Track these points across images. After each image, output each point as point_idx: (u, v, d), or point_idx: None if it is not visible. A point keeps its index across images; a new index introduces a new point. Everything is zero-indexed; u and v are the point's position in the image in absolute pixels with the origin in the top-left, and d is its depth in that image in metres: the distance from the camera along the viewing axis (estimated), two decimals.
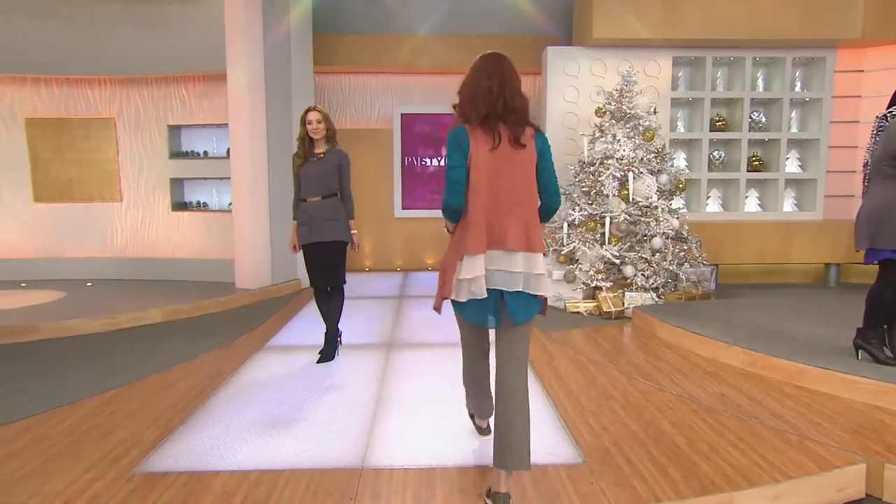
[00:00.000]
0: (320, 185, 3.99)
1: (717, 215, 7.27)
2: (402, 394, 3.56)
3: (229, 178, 6.53)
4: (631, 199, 5.66)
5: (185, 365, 4.13)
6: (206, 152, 7.15)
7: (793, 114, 7.24)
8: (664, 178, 5.79)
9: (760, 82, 7.27)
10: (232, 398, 3.48)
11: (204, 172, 7.13)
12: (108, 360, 4.26)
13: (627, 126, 5.90)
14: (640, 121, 5.86)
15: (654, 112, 6.03)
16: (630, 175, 5.61)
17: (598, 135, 6.03)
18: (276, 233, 6.59)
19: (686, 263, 5.80)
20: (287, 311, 5.82)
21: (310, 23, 7.05)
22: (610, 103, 6.01)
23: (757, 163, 7.25)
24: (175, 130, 7.16)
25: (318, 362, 4.11)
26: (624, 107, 5.85)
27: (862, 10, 6.43)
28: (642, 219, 5.69)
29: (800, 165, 7.32)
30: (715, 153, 7.30)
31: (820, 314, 4.87)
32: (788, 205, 7.34)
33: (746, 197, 7.28)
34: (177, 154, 7.17)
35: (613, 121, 5.94)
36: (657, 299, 5.50)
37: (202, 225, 7.15)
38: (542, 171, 2.32)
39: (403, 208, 8.43)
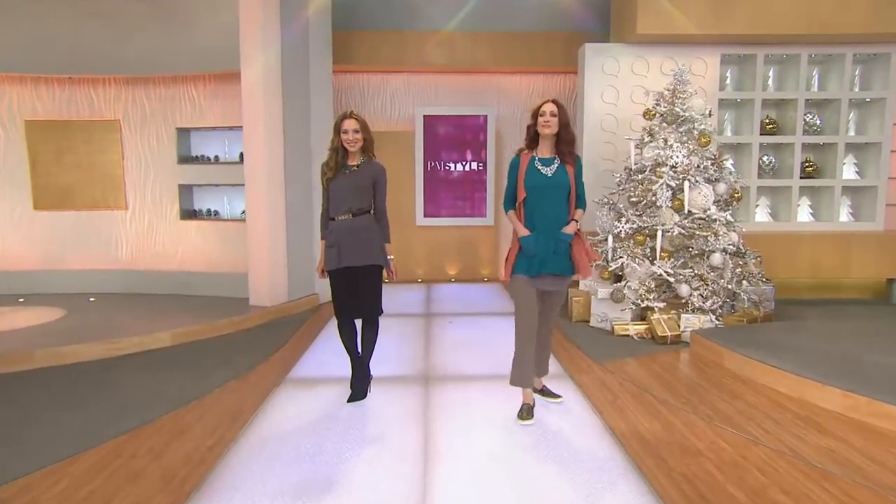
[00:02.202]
0: (352, 201, 3.49)
1: (766, 225, 6.72)
2: (453, 443, 3.05)
3: (242, 184, 6.05)
4: (686, 211, 5.13)
5: (198, 403, 3.64)
6: (217, 157, 6.66)
7: (850, 115, 6.68)
8: (722, 187, 5.26)
9: (815, 81, 6.72)
10: (253, 452, 2.98)
11: (215, 178, 6.64)
12: (110, 396, 3.76)
13: (680, 130, 5.37)
14: (695, 124, 5.33)
15: (710, 114, 5.50)
16: (686, 184, 5.08)
17: (646, 139, 5.50)
18: (293, 244, 6.09)
19: (744, 281, 5.28)
20: (306, 332, 5.32)
21: (329, 18, 6.55)
22: (659, 104, 5.48)
23: (810, 169, 6.70)
24: (184, 133, 6.68)
25: (348, 401, 3.61)
26: (677, 108, 5.32)
27: None
28: (698, 232, 5.16)
29: (857, 171, 6.77)
30: (764, 158, 6.77)
31: None
32: (844, 214, 6.79)
33: (798, 205, 6.73)
34: (186, 158, 6.68)
35: (664, 124, 5.41)
36: (716, 322, 4.97)
37: (212, 235, 6.67)
38: None
39: (426, 216, 7.93)
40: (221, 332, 5.25)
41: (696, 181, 5.13)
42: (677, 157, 5.21)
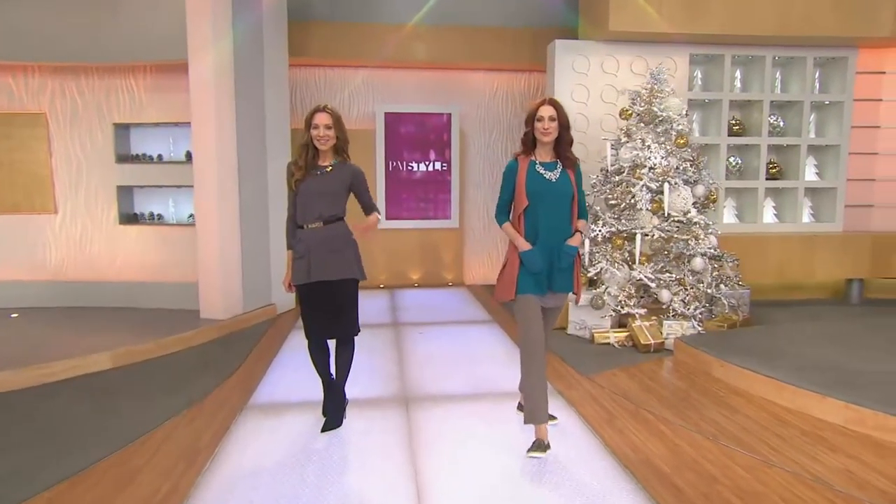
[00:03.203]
0: (323, 207, 3.14)
1: (733, 227, 6.71)
2: (445, 477, 2.73)
3: (190, 185, 5.51)
4: (666, 214, 4.99)
5: (147, 439, 3.17)
6: (160, 156, 6.06)
7: (811, 118, 6.76)
8: (700, 189, 5.15)
9: (778, 83, 6.76)
10: (218, 499, 2.56)
11: (158, 179, 6.04)
12: (41, 434, 3.24)
13: (657, 130, 5.23)
14: (673, 124, 5.19)
15: (686, 115, 5.39)
16: (666, 186, 4.94)
17: (623, 139, 5.33)
18: (247, 250, 5.58)
19: (722, 285, 5.20)
20: (266, 348, 4.87)
21: (284, 6, 6.06)
22: (636, 103, 5.33)
23: (774, 170, 6.74)
24: (122, 130, 6.04)
25: (323, 430, 3.23)
26: (654, 108, 5.17)
27: (894, 7, 5.97)
28: (676, 235, 5.03)
29: (817, 173, 6.86)
30: (731, 159, 6.76)
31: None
32: (806, 215, 6.87)
33: (763, 207, 6.76)
34: (125, 157, 6.05)
35: (642, 124, 5.25)
36: (698, 328, 4.85)
37: (156, 241, 6.06)
38: None
39: (387, 218, 7.55)
40: (169, 350, 4.73)
41: (676, 183, 5.00)
42: (655, 157, 5.06)
